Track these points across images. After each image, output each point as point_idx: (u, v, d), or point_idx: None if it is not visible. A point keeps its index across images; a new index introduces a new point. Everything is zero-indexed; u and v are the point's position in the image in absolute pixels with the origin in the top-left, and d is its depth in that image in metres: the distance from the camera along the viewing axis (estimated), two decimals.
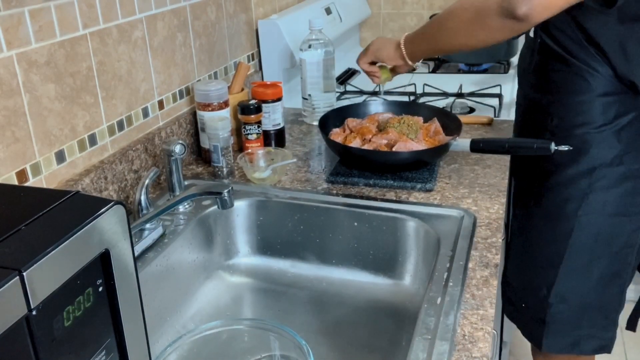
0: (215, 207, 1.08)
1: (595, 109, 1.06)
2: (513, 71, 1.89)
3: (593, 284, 1.16)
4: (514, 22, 0.95)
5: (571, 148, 1.04)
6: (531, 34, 1.12)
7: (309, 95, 1.49)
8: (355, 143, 1.19)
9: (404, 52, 1.23)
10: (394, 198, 1.09)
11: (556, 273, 1.17)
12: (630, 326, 1.29)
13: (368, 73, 1.34)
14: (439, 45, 1.16)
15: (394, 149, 1.15)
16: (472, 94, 1.64)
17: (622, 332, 1.34)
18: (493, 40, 1.02)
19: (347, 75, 1.88)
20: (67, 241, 0.46)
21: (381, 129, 1.23)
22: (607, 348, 1.23)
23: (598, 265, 1.15)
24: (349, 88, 1.76)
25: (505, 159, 1.23)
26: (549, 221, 1.16)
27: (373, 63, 1.32)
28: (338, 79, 1.80)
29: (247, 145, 1.27)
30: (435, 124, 1.25)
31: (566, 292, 1.17)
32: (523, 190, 1.24)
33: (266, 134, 1.32)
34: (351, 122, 1.29)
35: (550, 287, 1.18)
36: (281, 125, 1.35)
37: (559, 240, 1.15)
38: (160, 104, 1.22)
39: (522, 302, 1.26)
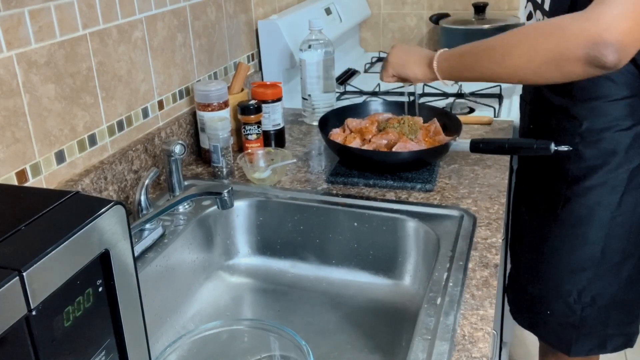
0: (215, 207, 1.08)
1: (623, 110, 1.05)
2: None
3: (622, 284, 1.16)
4: (598, 69, 0.86)
5: (571, 148, 1.04)
6: None
7: (309, 95, 1.49)
8: (355, 143, 1.19)
9: (439, 76, 1.09)
10: (394, 198, 1.09)
11: (588, 276, 1.15)
12: None
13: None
14: (489, 77, 1.03)
15: (393, 149, 1.15)
16: (472, 94, 1.64)
17: None
18: (563, 81, 0.95)
19: (347, 76, 1.88)
20: (67, 241, 0.46)
21: (381, 129, 1.23)
22: (630, 343, 1.23)
23: (628, 265, 1.14)
24: (348, 88, 1.76)
25: (505, 159, 1.23)
26: (580, 226, 1.14)
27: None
28: (338, 79, 1.80)
29: (247, 145, 1.27)
30: (435, 124, 1.25)
31: (597, 294, 1.16)
32: (541, 197, 1.21)
33: (266, 134, 1.32)
34: (351, 122, 1.29)
35: (581, 291, 1.16)
36: (281, 126, 1.35)
37: (590, 244, 1.13)
38: (160, 104, 1.22)
39: (546, 310, 1.23)
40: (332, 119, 1.30)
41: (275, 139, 1.34)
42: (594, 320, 1.19)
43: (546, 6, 1.06)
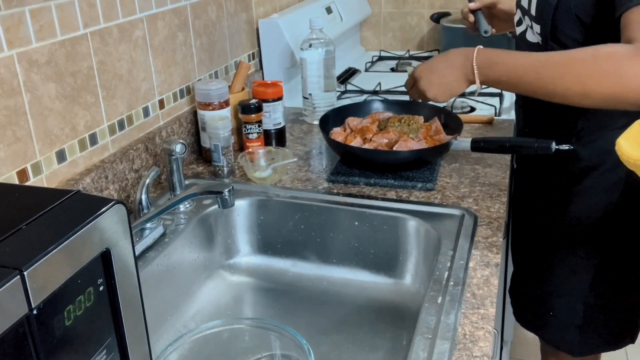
0: (216, 206, 1.08)
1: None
2: None
3: (624, 286, 1.15)
4: None
5: (572, 147, 1.04)
6: (538, 41, 1.07)
7: (310, 94, 1.49)
8: (356, 142, 1.19)
9: (479, 86, 1.03)
10: (395, 197, 1.09)
11: (589, 277, 1.14)
12: None
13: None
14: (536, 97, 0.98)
15: (394, 149, 1.15)
16: (472, 93, 1.64)
17: None
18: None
19: (348, 75, 1.88)
20: (68, 240, 0.46)
21: (382, 128, 1.23)
22: (634, 338, 1.22)
23: (628, 268, 1.14)
24: (349, 87, 1.76)
25: (506, 158, 1.22)
26: (578, 226, 1.13)
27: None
28: (338, 78, 1.80)
29: (247, 144, 1.27)
30: (436, 123, 1.25)
31: (598, 295, 1.16)
32: (541, 197, 1.20)
33: (267, 133, 1.32)
34: (352, 121, 1.29)
35: (583, 292, 1.16)
36: (282, 125, 1.35)
37: (589, 245, 1.13)
38: (161, 104, 1.22)
39: (549, 311, 1.23)
40: (332, 118, 1.30)
41: (276, 138, 1.34)
42: (596, 321, 1.18)
43: (532, 11, 1.06)
